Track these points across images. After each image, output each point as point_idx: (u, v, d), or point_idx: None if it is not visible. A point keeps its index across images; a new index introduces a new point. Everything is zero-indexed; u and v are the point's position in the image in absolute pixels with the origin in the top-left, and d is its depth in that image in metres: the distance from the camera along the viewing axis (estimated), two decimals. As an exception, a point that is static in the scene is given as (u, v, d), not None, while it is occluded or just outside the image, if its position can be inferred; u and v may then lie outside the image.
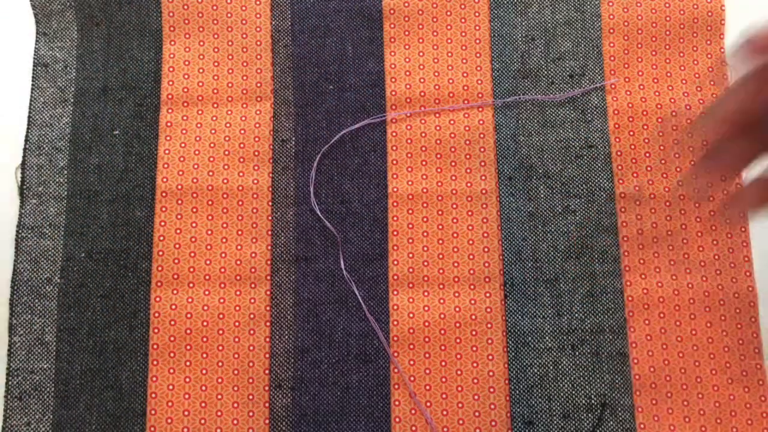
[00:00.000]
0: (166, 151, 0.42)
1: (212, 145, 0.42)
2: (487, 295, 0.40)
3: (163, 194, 0.41)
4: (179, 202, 0.41)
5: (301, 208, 0.41)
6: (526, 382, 0.39)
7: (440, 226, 0.41)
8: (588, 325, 0.39)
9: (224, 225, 0.41)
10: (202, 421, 0.38)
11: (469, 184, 0.41)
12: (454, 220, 0.41)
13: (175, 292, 0.40)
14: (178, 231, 0.41)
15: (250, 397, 0.38)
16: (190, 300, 0.40)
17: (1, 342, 0.39)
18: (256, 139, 0.42)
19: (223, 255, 0.40)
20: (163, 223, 0.41)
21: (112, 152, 0.42)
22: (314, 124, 0.42)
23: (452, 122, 0.42)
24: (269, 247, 0.40)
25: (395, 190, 0.41)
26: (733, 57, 0.32)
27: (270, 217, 0.41)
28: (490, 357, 0.39)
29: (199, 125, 0.42)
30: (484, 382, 0.39)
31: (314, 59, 0.43)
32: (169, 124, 0.42)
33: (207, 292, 0.40)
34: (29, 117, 0.42)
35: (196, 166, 0.41)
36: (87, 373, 0.39)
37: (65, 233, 0.41)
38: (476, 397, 0.38)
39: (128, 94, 0.42)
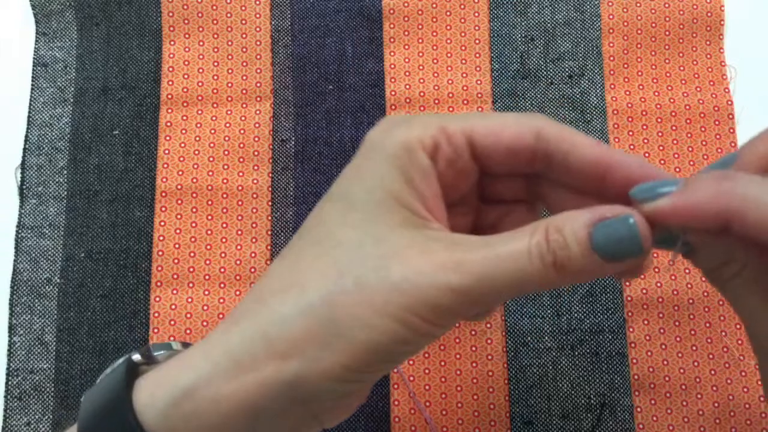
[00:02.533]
0: (166, 151, 0.42)
1: (212, 145, 0.42)
2: (487, 295, 0.40)
3: (163, 194, 0.41)
4: (179, 202, 0.41)
5: (300, 208, 0.41)
6: (525, 382, 0.39)
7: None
8: (587, 325, 0.39)
9: (224, 225, 0.41)
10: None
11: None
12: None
13: (175, 292, 0.40)
14: (178, 231, 0.41)
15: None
16: (190, 300, 0.40)
17: (1, 342, 0.39)
18: (256, 139, 0.42)
19: (223, 255, 0.40)
20: (162, 223, 0.41)
21: (111, 152, 0.42)
22: (314, 124, 0.42)
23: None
24: (269, 247, 0.40)
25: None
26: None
27: (270, 217, 0.41)
28: (490, 357, 0.39)
29: (198, 125, 0.42)
30: (484, 382, 0.39)
31: (314, 59, 0.43)
32: (168, 124, 0.42)
33: (207, 292, 0.40)
34: (29, 117, 0.42)
35: (195, 166, 0.41)
36: (87, 373, 0.39)
37: (65, 233, 0.41)
38: (475, 396, 0.38)
39: (128, 94, 0.42)
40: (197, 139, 0.42)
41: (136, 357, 0.26)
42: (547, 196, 0.27)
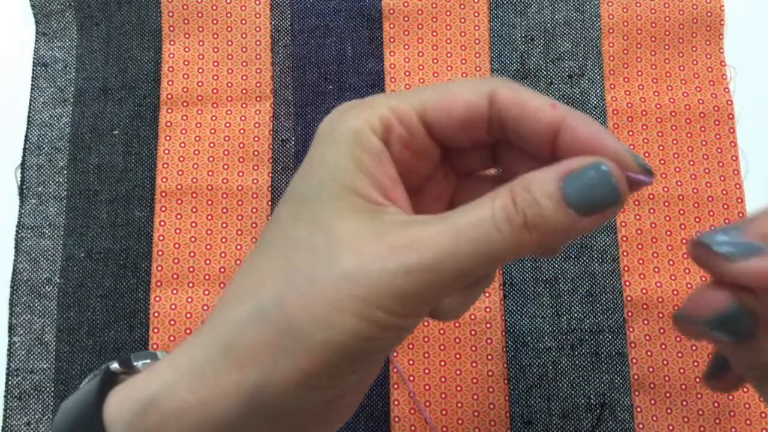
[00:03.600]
0: (166, 151, 0.42)
1: (212, 145, 0.42)
2: (487, 294, 0.40)
3: (163, 194, 0.41)
4: (179, 202, 0.41)
5: (300, 208, 0.41)
6: (525, 381, 0.39)
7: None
8: (587, 325, 0.39)
9: (224, 225, 0.41)
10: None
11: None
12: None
13: (174, 292, 0.40)
14: (178, 231, 0.41)
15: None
16: (189, 300, 0.40)
17: (1, 342, 0.39)
18: (256, 138, 0.42)
19: (223, 255, 0.40)
20: (162, 223, 0.41)
21: (111, 152, 0.42)
22: (314, 124, 0.42)
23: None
24: (269, 247, 0.40)
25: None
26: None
27: (270, 217, 0.41)
28: (490, 357, 0.39)
29: (198, 125, 0.42)
30: (484, 382, 0.39)
31: (314, 59, 0.43)
32: (168, 124, 0.42)
33: (207, 292, 0.40)
34: (29, 117, 0.42)
35: (195, 166, 0.41)
36: (87, 373, 0.39)
37: (65, 233, 0.41)
38: (475, 396, 0.38)
39: (128, 94, 0.42)
40: (197, 139, 0.42)
41: (115, 366, 0.25)
42: (515, 167, 0.24)
